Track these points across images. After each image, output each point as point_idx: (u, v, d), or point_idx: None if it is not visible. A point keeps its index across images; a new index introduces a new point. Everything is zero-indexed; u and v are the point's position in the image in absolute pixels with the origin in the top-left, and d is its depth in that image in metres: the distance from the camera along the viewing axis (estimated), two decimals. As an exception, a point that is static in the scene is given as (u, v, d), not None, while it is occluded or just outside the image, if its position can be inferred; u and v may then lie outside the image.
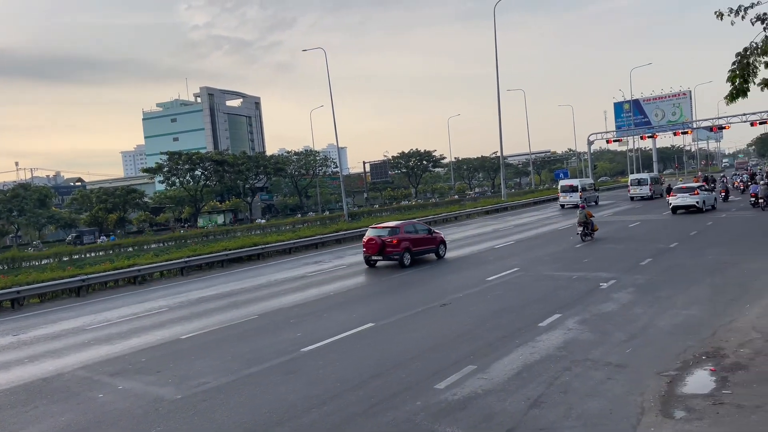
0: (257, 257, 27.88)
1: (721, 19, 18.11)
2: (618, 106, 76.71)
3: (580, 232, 24.25)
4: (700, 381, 7.96)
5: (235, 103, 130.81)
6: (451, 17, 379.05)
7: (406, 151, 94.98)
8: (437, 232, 23.65)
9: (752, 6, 17.37)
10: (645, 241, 22.57)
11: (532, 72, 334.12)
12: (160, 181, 76.19)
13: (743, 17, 17.92)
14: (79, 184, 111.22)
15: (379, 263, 21.56)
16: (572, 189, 45.82)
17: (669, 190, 38.79)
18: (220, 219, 77.31)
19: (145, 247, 46.72)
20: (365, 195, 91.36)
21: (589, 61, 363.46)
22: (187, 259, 25.23)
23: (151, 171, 73.93)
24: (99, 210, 66.77)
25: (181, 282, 22.58)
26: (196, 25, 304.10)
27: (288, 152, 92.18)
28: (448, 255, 22.93)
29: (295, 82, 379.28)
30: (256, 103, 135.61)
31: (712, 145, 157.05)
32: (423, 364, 9.47)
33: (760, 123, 64.05)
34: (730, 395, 7.28)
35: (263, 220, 73.73)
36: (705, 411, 6.92)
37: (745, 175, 58.22)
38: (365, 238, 21.68)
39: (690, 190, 34.11)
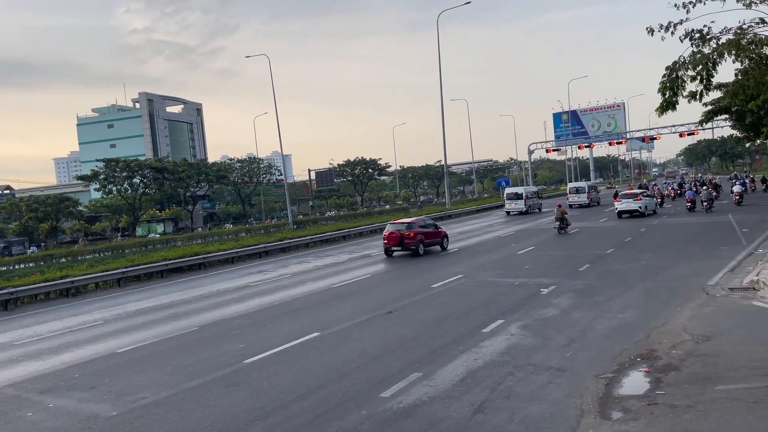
0: (199, 267, 27.20)
1: (652, 34, 19.00)
2: (557, 117, 79.29)
3: (556, 227, 29.22)
4: (635, 382, 8.23)
5: (175, 109, 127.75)
6: (394, 27, 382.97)
7: (352, 159, 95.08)
8: (442, 228, 27.43)
9: (681, 23, 18.29)
10: (583, 248, 23.30)
11: (475, 83, 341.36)
12: (95, 189, 73.40)
13: (672, 33, 18.83)
14: (7, 192, 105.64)
15: (395, 253, 25.31)
16: (517, 196, 47.56)
17: (616, 195, 41.89)
18: (159, 228, 75.05)
19: (79, 257, 44.89)
20: (311, 203, 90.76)
21: (529, 72, 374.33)
22: (125, 269, 24.35)
23: (86, 178, 71.15)
24: (29, 219, 63.69)
25: (118, 294, 21.76)
26: (134, 29, 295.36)
27: (231, 159, 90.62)
28: (387, 265, 23.02)
29: (238, 89, 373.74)
30: (198, 110, 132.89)
31: (645, 155, 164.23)
32: (368, 372, 9.43)
33: (688, 134, 67.51)
34: (664, 395, 7.56)
35: (206, 229, 72.14)
36: (640, 411, 7.16)
37: (675, 184, 61.51)
38: (386, 232, 25.52)
39: (634, 196, 36.66)
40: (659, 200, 42.38)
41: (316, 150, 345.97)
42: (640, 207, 35.56)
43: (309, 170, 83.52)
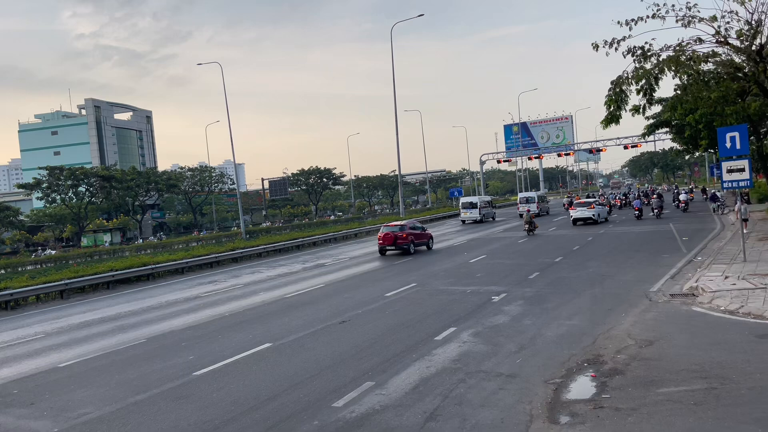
0: (147, 278, 26.49)
1: (597, 50, 19.65)
2: (508, 129, 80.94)
3: (526, 229, 33.36)
4: (582, 387, 8.44)
5: (124, 116, 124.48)
6: (349, 37, 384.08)
7: (306, 168, 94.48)
8: (428, 230, 31.35)
9: (624, 39, 19.00)
10: (533, 256, 23.80)
11: (429, 94, 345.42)
12: (38, 198, 70.60)
13: (616, 49, 19.52)
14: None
15: (388, 252, 28.58)
16: (472, 206, 49.14)
17: (570, 204, 45.18)
18: (106, 238, 72.69)
19: (20, 269, 42.99)
20: (264, 212, 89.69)
21: (481, 84, 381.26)
22: (68, 281, 23.47)
23: (28, 187, 68.31)
24: (-35, 229, 60.69)
25: (60, 306, 20.96)
26: (81, 33, 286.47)
27: (182, 168, 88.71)
28: (341, 275, 22.96)
29: (190, 97, 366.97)
30: (148, 117, 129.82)
31: (592, 166, 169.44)
32: (321, 382, 9.36)
33: (632, 146, 69.98)
34: (609, 399, 7.78)
35: (154, 239, 70.30)
36: (587, 415, 7.34)
37: (621, 194, 63.93)
38: (381, 234, 28.97)
39: (587, 204, 39.24)
40: (608, 209, 44.36)
41: (270, 159, 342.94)
42: (593, 215, 37.88)
43: (262, 179, 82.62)
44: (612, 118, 19.86)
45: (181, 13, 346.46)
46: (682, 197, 44.18)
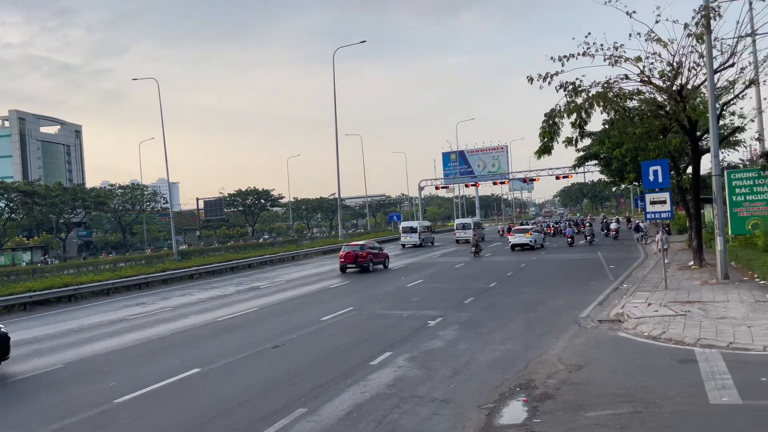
0: (69, 299, 25.14)
1: (532, 83, 20.38)
2: (446, 156, 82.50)
3: (473, 251, 35.94)
4: (514, 412, 8.52)
5: (51, 129, 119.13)
6: (291, 61, 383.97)
7: (244, 189, 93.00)
8: (384, 251, 33.69)
9: (557, 74, 19.81)
10: (468, 281, 24.14)
11: (370, 119, 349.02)
12: (-49, 213, 66.16)
13: (549, 83, 20.32)
14: None
15: (348, 270, 30.34)
16: (412, 230, 50.35)
17: (509, 230, 48.03)
18: (26, 256, 68.69)
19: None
20: (198, 233, 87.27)
21: (421, 111, 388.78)
22: (-20, 302, 21.94)
23: (-60, 200, 64.06)
24: None
25: (-30, 328, 19.50)
26: (9, 42, 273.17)
27: (112, 185, 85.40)
28: (277, 298, 22.55)
29: (124, 112, 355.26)
30: (77, 132, 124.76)
31: (525, 195, 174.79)
32: (252, 409, 9.05)
33: (563, 177, 72.73)
34: (540, 423, 7.88)
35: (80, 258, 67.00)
36: (519, 439, 7.39)
37: (552, 222, 66.34)
38: (342, 252, 30.87)
39: (525, 231, 41.55)
40: (543, 236, 46.57)
41: (206, 179, 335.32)
42: (530, 241, 39.85)
43: (197, 199, 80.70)
44: (545, 149, 20.61)
45: (117, 27, 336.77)
46: (613, 226, 47.95)
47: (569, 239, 42.76)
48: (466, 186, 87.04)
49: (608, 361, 10.81)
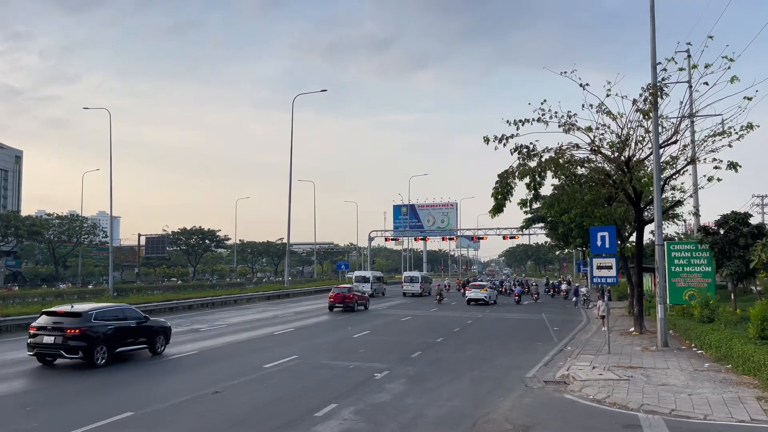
0: (-8, 331, 23.50)
1: (488, 143, 20.93)
2: (397, 209, 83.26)
3: (437, 300, 40.42)
4: (463, 471, 8.31)
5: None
6: (246, 103, 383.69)
7: (189, 228, 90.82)
8: (366, 295, 38.52)
9: (512, 136, 20.45)
10: (415, 335, 23.95)
11: (323, 167, 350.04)
12: None
13: (504, 145, 20.93)
14: None
15: (335, 309, 34.55)
16: (365, 279, 51.24)
17: (465, 285, 52.69)
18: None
19: None
20: (136, 270, 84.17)
21: (374, 163, 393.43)
22: None
23: None
24: None
25: None
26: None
27: (49, 215, 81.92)
28: (217, 342, 21.75)
29: (69, 142, 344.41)
30: (18, 157, 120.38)
31: (472, 253, 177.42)
32: (188, 458, 8.51)
33: (510, 237, 74.33)
34: (489, 484, 7.69)
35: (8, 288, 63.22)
36: (468, 500, 7.17)
37: (497, 281, 67.63)
38: (332, 294, 35.54)
39: (481, 287, 44.06)
40: (497, 293, 49.45)
41: (151, 215, 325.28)
42: (485, 296, 42.36)
43: (139, 235, 78.26)
44: (498, 208, 21.06)
45: (71, 54, 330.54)
46: (563, 287, 53.09)
47: (517, 297, 45.22)
48: (415, 240, 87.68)
49: (555, 423, 10.77)
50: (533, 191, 20.95)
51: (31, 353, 15.87)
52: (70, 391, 13.20)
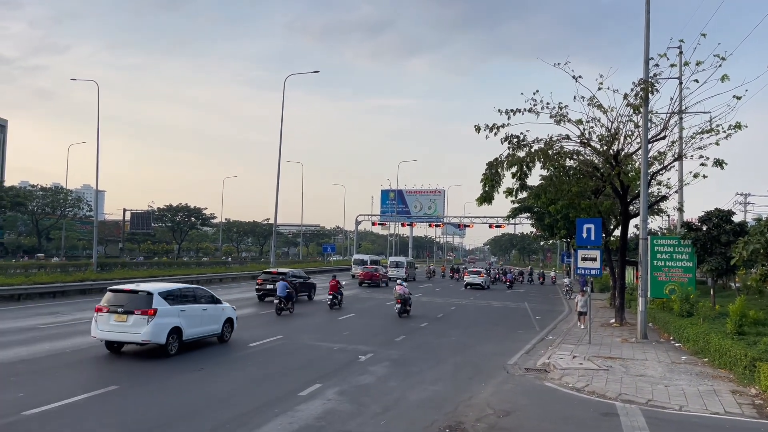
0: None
1: (479, 132, 21.00)
2: (384, 194, 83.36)
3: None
4: (443, 452, 8.49)
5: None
6: (237, 81, 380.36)
7: (175, 205, 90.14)
8: (387, 272, 47.52)
9: (503, 126, 20.52)
10: (400, 319, 24.13)
11: (313, 148, 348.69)
12: None
13: (495, 134, 20.99)
14: None
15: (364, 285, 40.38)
16: (363, 262, 53.53)
17: (457, 270, 61.21)
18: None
19: None
20: (120, 245, 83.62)
21: (364, 147, 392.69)
22: None
23: None
24: None
25: None
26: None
27: (33, 186, 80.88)
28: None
29: (56, 113, 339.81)
30: (2, 126, 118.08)
31: (457, 240, 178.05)
32: (173, 433, 8.61)
33: (497, 226, 74.72)
34: (469, 466, 7.87)
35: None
36: (448, 481, 7.34)
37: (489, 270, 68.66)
38: (361, 273, 44.88)
39: (478, 273, 48.96)
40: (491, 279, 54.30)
41: (137, 190, 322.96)
42: (482, 282, 47.15)
43: (124, 210, 77.66)
44: (486, 197, 21.17)
45: (61, 25, 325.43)
46: (552, 274, 61.36)
47: (508, 283, 50.25)
48: (402, 225, 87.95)
49: (535, 409, 10.99)
50: (520, 181, 21.07)
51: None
52: (58, 364, 13.19)
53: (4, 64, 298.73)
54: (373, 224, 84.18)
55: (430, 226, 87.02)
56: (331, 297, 26.91)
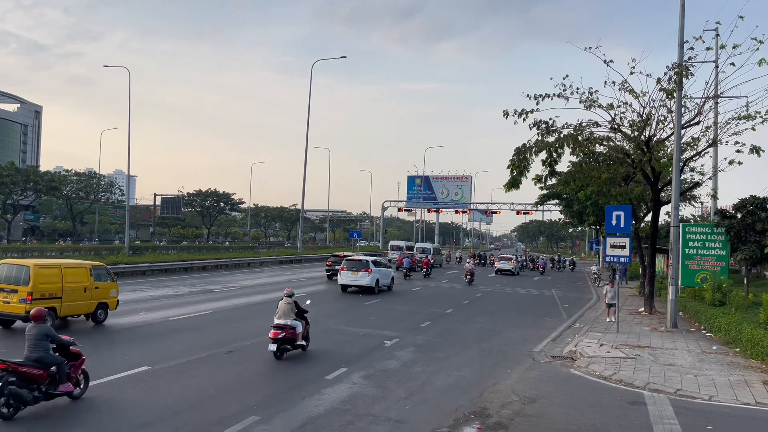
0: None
1: (507, 117, 20.75)
2: (411, 180, 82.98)
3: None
4: (468, 438, 8.53)
5: (10, 107, 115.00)
6: (266, 67, 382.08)
7: (204, 190, 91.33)
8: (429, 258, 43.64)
9: (532, 111, 20.24)
10: (425, 305, 24.19)
11: (339, 134, 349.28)
12: None
13: (524, 119, 20.74)
14: None
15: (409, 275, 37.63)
16: (399, 248, 54.25)
17: (476, 257, 59.89)
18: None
19: None
20: (151, 229, 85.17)
21: (391, 133, 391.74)
22: None
23: None
24: None
25: None
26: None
27: (67, 171, 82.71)
28: (230, 303, 22.13)
29: (90, 99, 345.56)
30: (37, 112, 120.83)
31: (484, 227, 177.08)
32: (203, 413, 8.81)
33: (524, 213, 74.05)
34: (494, 451, 7.90)
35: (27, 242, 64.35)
36: (472, 466, 7.39)
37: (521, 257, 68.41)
38: (399, 257, 43.17)
39: (508, 260, 49.19)
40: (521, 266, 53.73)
41: (166, 175, 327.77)
42: (512, 268, 47.33)
43: (155, 195, 78.93)
44: (514, 183, 20.97)
45: (95, 12, 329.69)
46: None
47: (541, 269, 52.36)
48: (428, 211, 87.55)
49: (561, 397, 10.96)
50: (549, 167, 20.81)
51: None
52: (86, 346, 13.57)
53: (40, 51, 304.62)
54: (400, 210, 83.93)
55: (456, 212, 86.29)
56: (425, 270, 39.90)
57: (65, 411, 8.70)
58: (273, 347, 12.60)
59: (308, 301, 14.86)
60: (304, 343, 13.50)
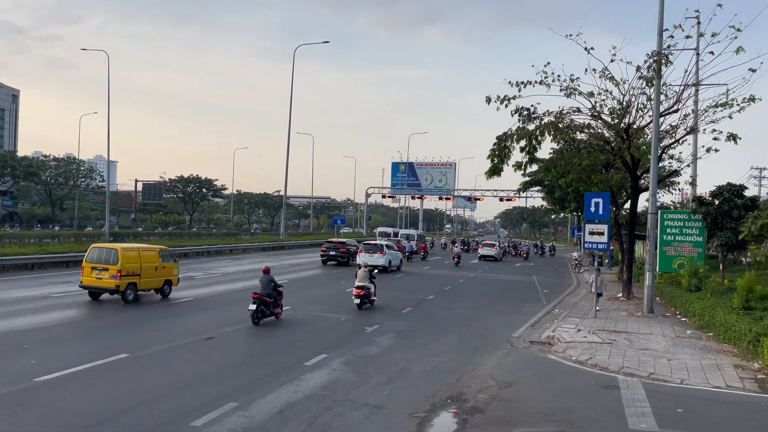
0: (-11, 270, 23.80)
1: (489, 103, 20.81)
2: (395, 166, 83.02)
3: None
4: (444, 422, 8.65)
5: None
6: (248, 51, 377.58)
7: (186, 176, 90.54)
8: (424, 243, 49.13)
9: (514, 98, 20.32)
10: (407, 291, 24.34)
11: (323, 120, 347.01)
12: None
13: (506, 106, 20.80)
14: None
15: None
16: (387, 235, 53.76)
17: (462, 242, 58.82)
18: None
19: None
20: (133, 216, 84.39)
21: (374, 119, 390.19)
22: None
23: None
24: None
25: None
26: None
27: (46, 156, 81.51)
28: (212, 290, 22.08)
29: (68, 83, 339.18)
30: (14, 96, 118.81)
31: (468, 213, 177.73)
32: (181, 399, 8.84)
33: (507, 199, 74.59)
34: (469, 435, 8.03)
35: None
36: (448, 450, 7.50)
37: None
38: (398, 245, 42.02)
39: (491, 246, 50.27)
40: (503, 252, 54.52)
41: (148, 161, 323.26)
42: (495, 254, 48.36)
43: (136, 180, 78.22)
44: (495, 170, 21.08)
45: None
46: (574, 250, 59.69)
47: (524, 255, 54.22)
48: (412, 198, 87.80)
49: (537, 381, 11.14)
50: (528, 155, 20.93)
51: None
52: (68, 332, 13.45)
53: (17, 34, 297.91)
54: (384, 197, 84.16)
55: (440, 199, 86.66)
56: (422, 254, 45.47)
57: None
58: (357, 301, 18.14)
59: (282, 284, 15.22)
60: (375, 298, 18.95)
